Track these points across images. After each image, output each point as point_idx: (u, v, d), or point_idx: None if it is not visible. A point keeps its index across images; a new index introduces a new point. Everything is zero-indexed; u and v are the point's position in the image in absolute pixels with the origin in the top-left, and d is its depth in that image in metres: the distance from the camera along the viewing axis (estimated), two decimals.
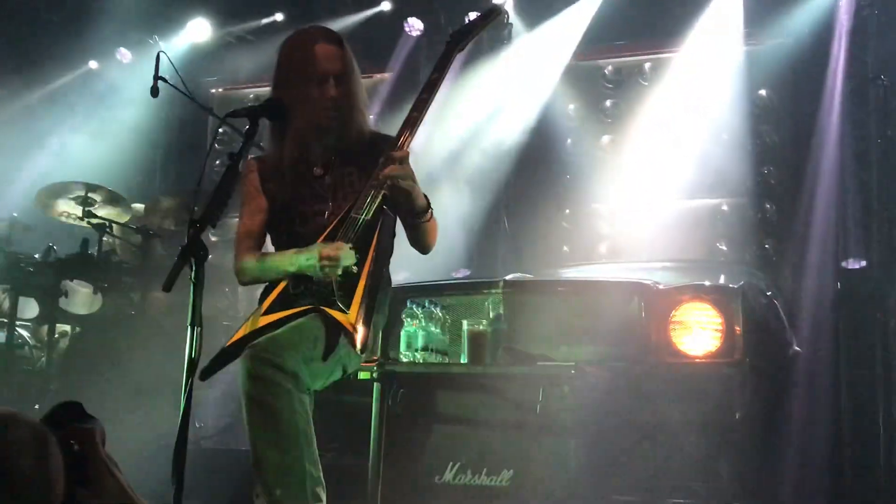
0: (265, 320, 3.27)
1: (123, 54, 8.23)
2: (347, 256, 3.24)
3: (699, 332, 4.17)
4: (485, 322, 4.18)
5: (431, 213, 3.43)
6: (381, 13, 7.82)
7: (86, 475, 1.88)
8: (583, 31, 7.51)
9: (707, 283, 4.58)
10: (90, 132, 7.94)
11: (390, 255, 3.51)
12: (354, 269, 3.27)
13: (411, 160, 3.32)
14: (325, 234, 3.33)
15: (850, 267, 5.86)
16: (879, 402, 4.54)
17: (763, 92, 7.14)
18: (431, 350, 4.12)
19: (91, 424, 2.01)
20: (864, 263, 5.77)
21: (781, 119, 6.88)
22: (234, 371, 3.13)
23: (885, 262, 5.58)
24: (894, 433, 4.39)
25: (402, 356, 4.11)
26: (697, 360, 4.15)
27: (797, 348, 4.73)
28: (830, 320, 5.25)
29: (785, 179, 7.07)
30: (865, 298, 5.39)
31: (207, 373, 3.20)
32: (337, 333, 3.18)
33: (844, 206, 6.03)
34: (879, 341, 4.55)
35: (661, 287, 4.37)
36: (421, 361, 4.08)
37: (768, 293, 4.89)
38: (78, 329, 6.31)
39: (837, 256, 5.94)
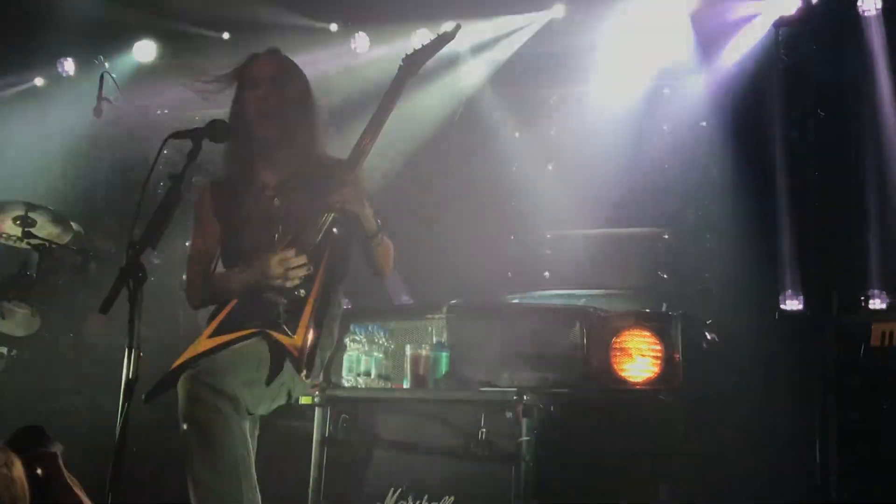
0: (209, 343, 3.24)
1: (67, 67, 8.12)
2: (299, 264, 3.22)
3: (640, 359, 4.20)
4: (427, 347, 4.16)
5: (382, 236, 3.43)
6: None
7: (51, 498, 1.85)
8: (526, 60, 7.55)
9: (648, 310, 4.63)
10: (30, 148, 7.84)
11: (342, 280, 3.50)
12: (301, 292, 3.25)
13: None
14: (279, 253, 3.31)
15: (787, 299, 5.97)
16: (816, 427, 4.60)
17: (704, 123, 7.25)
18: (374, 375, 4.09)
19: (53, 448, 1.97)
20: (800, 298, 5.88)
21: (721, 150, 6.98)
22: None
23: (821, 297, 5.69)
24: (829, 458, 4.45)
25: (343, 381, 4.08)
26: (638, 387, 4.18)
27: (735, 376, 4.80)
28: (767, 349, 5.32)
29: (723, 209, 7.17)
30: (802, 328, 5.49)
31: (151, 396, 3.15)
32: (282, 357, 3.16)
33: (781, 239, 6.14)
34: (815, 367, 4.63)
35: (602, 314, 4.40)
36: (363, 386, 4.06)
37: (707, 321, 4.95)
38: (15, 351, 6.18)
39: (775, 289, 6.04)
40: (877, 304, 5.53)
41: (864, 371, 4.39)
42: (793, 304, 5.98)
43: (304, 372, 3.17)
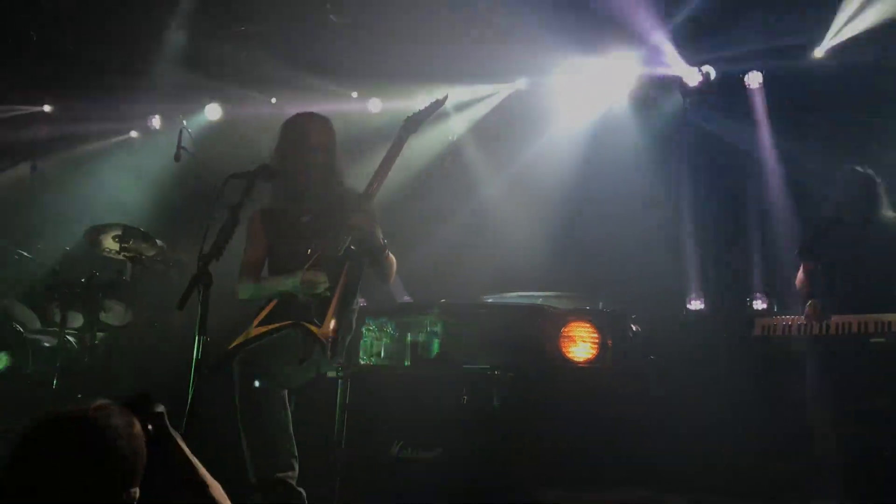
0: (257, 331, 3.24)
1: (154, 123, 8.18)
2: (322, 282, 3.21)
3: (582, 344, 4.20)
4: (423, 335, 4.15)
5: (388, 251, 3.43)
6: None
7: (161, 449, 1.83)
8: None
9: (588, 307, 4.63)
10: (126, 184, 7.85)
11: (358, 283, 3.49)
12: (328, 293, 3.25)
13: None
14: (308, 265, 3.31)
15: (691, 301, 5.98)
16: (714, 397, 4.58)
17: (634, 169, 7.26)
18: (383, 355, 4.07)
19: (159, 408, 1.95)
20: (702, 300, 5.88)
21: (647, 189, 6.98)
22: None
23: (717, 299, 5.70)
24: (724, 424, 4.43)
25: (360, 360, 4.07)
26: (580, 365, 4.17)
27: (653, 357, 4.79)
28: (678, 337, 5.32)
29: (648, 233, 7.17)
30: (704, 322, 5.50)
31: (213, 370, 3.13)
32: (312, 342, 3.15)
33: (687, 255, 6.17)
34: (713, 352, 4.62)
35: (555, 310, 4.40)
36: (374, 364, 4.04)
37: (633, 316, 4.95)
38: (112, 338, 6.15)
39: (682, 293, 6.07)
40: (758, 304, 5.54)
41: (748, 354, 4.40)
42: (696, 305, 5.99)
43: (330, 354, 3.15)
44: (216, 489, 1.94)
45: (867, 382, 4.28)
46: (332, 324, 3.18)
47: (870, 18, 5.88)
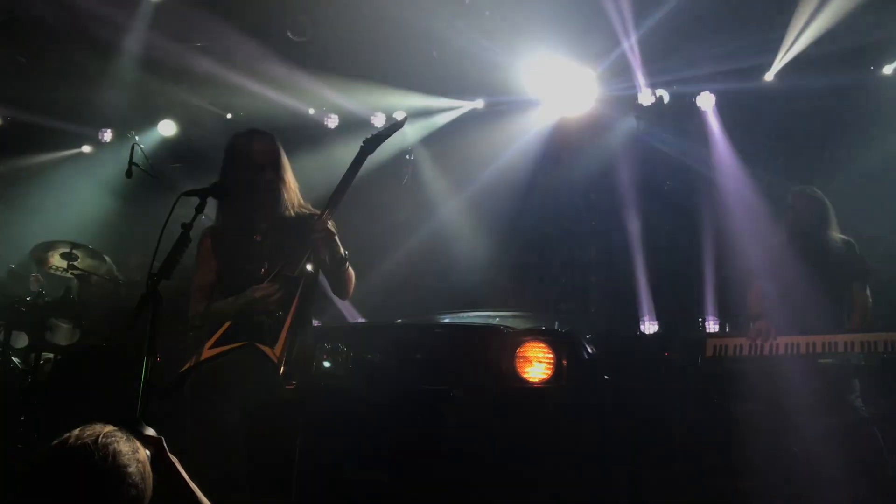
0: (210, 353, 3.19)
1: (106, 136, 8.08)
2: (275, 294, 3.19)
3: (537, 365, 4.20)
4: (379, 355, 4.13)
5: (348, 264, 3.42)
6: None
7: (162, 477, 1.78)
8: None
9: (543, 327, 4.65)
10: (75, 200, 7.72)
11: (312, 304, 3.47)
12: (281, 313, 3.22)
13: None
14: (262, 284, 3.28)
15: (644, 322, 6.06)
16: (667, 416, 4.64)
17: (587, 191, 7.37)
18: (338, 376, 4.05)
19: (150, 432, 1.90)
20: (655, 320, 5.96)
21: (600, 211, 7.08)
22: None
23: (672, 320, 5.78)
24: (677, 441, 4.49)
25: (315, 380, 4.03)
26: (535, 385, 4.18)
27: (607, 377, 4.82)
28: (632, 357, 5.37)
29: (602, 254, 7.27)
30: (657, 342, 5.56)
31: (166, 392, 3.08)
32: (265, 363, 3.12)
33: (638, 277, 6.26)
34: (666, 372, 4.68)
35: (510, 330, 4.40)
36: (330, 385, 4.01)
37: (587, 336, 4.98)
38: (59, 357, 6.01)
39: (636, 315, 6.14)
40: (711, 325, 5.64)
41: (700, 374, 4.45)
42: (650, 325, 6.07)
43: (282, 374, 3.13)
44: None
45: (815, 402, 4.38)
46: (286, 344, 3.16)
47: (811, 36, 6.05)
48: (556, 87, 6.87)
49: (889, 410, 4.28)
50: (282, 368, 3.10)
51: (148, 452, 1.79)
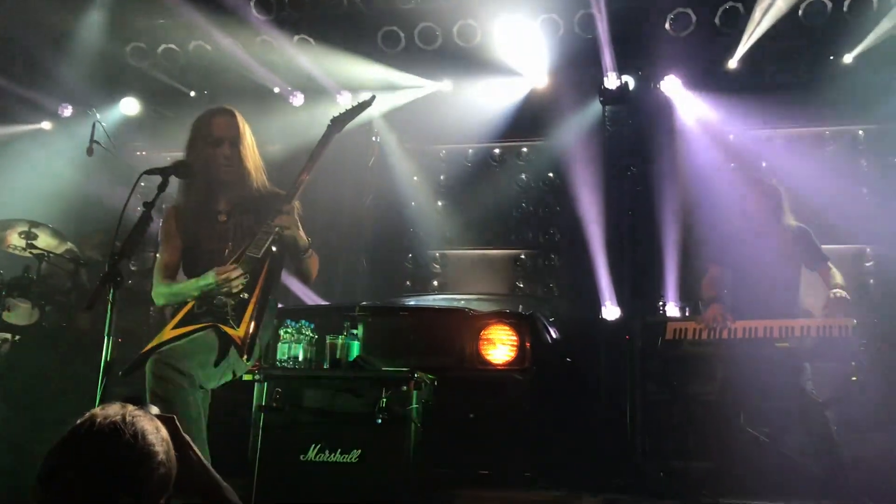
0: (172, 333, 3.17)
1: (66, 112, 7.89)
2: (237, 277, 3.18)
3: (501, 347, 4.25)
4: (343, 337, 4.14)
5: (311, 251, 3.42)
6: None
7: (180, 456, 1.75)
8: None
9: (507, 310, 4.69)
10: (35, 177, 7.55)
11: (276, 285, 3.46)
12: (245, 295, 3.20)
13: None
14: (225, 266, 3.26)
15: (605, 306, 6.12)
16: (628, 398, 4.70)
17: (551, 174, 7.43)
18: (301, 358, 4.04)
19: (161, 412, 1.88)
20: (616, 303, 6.02)
21: (563, 194, 7.15)
22: None
23: (632, 304, 5.84)
24: (637, 424, 4.55)
25: (278, 362, 4.02)
26: (499, 368, 4.22)
27: (569, 360, 4.89)
28: (593, 340, 5.43)
29: (564, 238, 7.35)
30: (618, 325, 5.62)
31: (127, 372, 3.06)
32: (228, 345, 3.11)
33: (601, 255, 6.32)
34: (627, 354, 4.73)
35: (474, 313, 4.44)
36: (293, 367, 4.01)
37: (550, 319, 5.04)
38: (18, 337, 5.91)
39: (598, 297, 6.20)
40: (671, 308, 5.72)
41: (660, 357, 4.52)
42: (611, 308, 6.14)
43: (246, 356, 3.12)
44: (229, 490, 1.90)
45: (771, 384, 4.48)
46: (250, 326, 3.15)
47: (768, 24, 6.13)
48: (524, 62, 6.85)
49: (839, 395, 4.39)
50: (245, 350, 3.09)
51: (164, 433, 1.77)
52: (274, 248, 3.32)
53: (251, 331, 3.15)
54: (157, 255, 3.43)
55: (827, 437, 4.21)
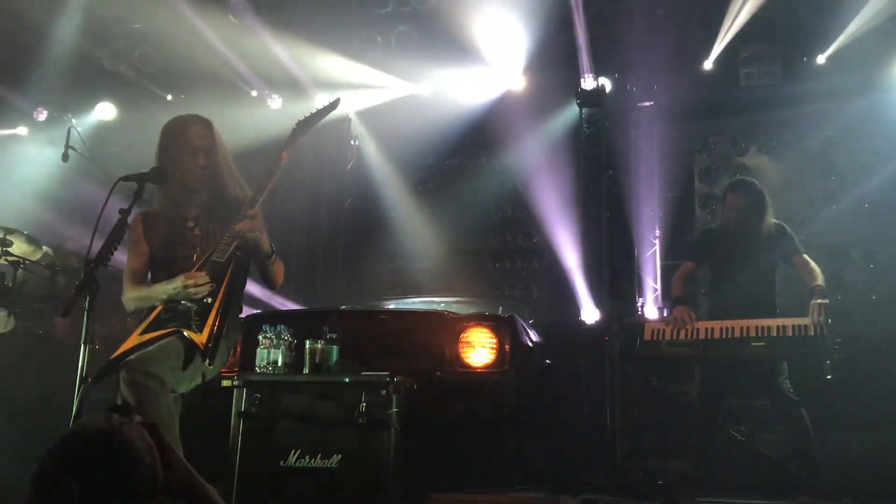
0: (140, 339, 3.17)
1: (40, 117, 7.83)
2: (204, 283, 3.17)
3: (480, 350, 4.25)
4: (322, 342, 4.13)
5: (275, 257, 3.41)
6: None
7: (164, 461, 1.79)
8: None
9: (487, 313, 4.70)
10: (10, 184, 7.48)
11: (242, 290, 3.45)
12: (209, 300, 3.20)
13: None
14: (192, 272, 3.25)
15: (583, 308, 6.16)
16: (607, 399, 4.74)
17: (529, 177, 7.45)
18: (280, 363, 4.03)
19: (139, 418, 1.89)
20: (595, 305, 6.06)
21: (541, 197, 7.17)
22: None
23: (611, 305, 5.88)
24: (617, 424, 4.59)
25: (257, 368, 4.01)
26: (479, 370, 4.23)
27: (548, 361, 4.91)
28: (573, 341, 5.47)
29: (543, 241, 7.37)
30: (597, 327, 5.66)
31: (97, 378, 3.04)
32: (193, 350, 3.11)
33: (582, 261, 6.37)
34: (607, 356, 4.77)
35: (454, 316, 4.44)
36: (271, 372, 4.00)
37: (530, 321, 5.05)
38: None
39: (575, 299, 6.25)
40: (649, 310, 5.78)
41: (638, 357, 4.55)
42: (590, 310, 6.18)
43: (208, 361, 3.12)
44: (213, 493, 1.94)
45: (749, 384, 4.54)
46: (213, 330, 3.14)
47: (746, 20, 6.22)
48: (501, 64, 6.88)
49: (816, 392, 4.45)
50: (208, 354, 3.09)
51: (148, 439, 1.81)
52: (238, 253, 3.32)
53: (214, 335, 3.15)
54: (127, 261, 3.41)
55: (804, 435, 4.26)
